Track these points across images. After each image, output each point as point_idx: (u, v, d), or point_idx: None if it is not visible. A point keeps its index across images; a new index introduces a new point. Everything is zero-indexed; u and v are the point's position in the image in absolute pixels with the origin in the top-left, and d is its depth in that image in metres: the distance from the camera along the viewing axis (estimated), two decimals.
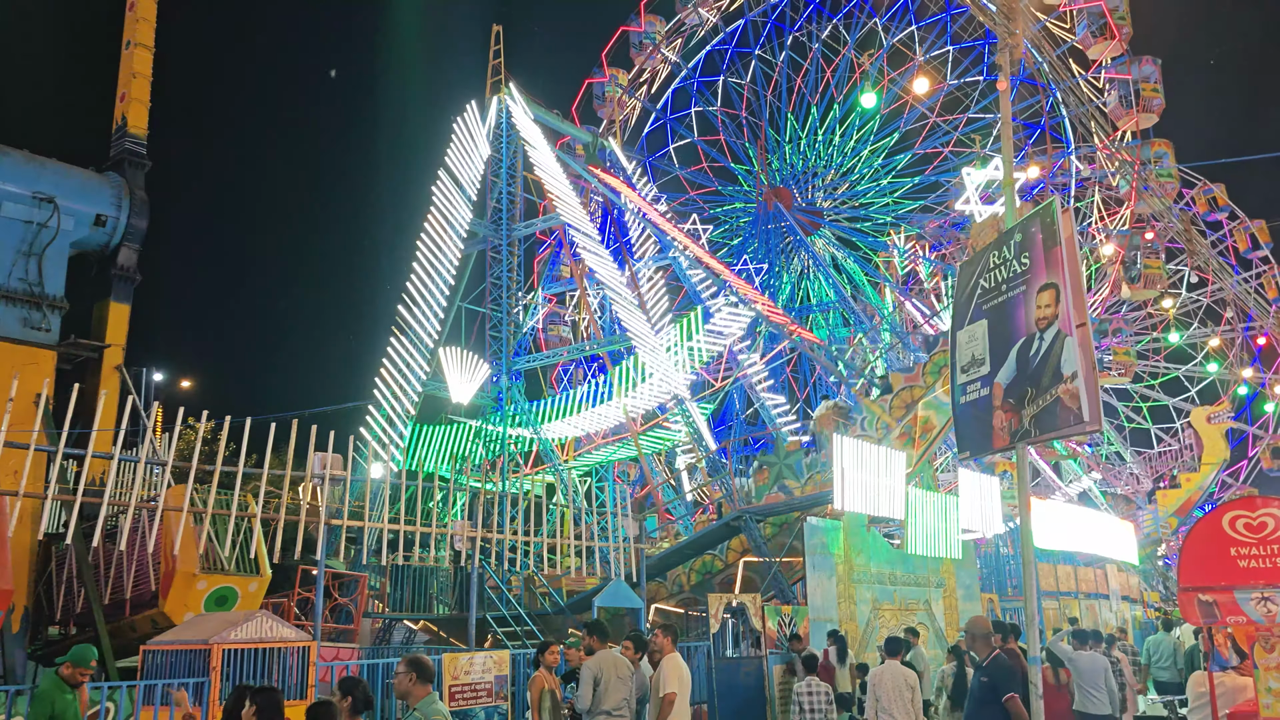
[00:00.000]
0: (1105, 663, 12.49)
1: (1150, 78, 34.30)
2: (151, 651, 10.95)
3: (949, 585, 21.24)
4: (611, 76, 44.92)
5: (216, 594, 14.93)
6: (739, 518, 22.54)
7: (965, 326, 9.01)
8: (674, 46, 45.44)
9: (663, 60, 45.51)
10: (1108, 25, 33.13)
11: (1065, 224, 8.09)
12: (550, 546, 16.67)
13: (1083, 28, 33.48)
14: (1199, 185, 45.60)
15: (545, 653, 11.35)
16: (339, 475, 15.96)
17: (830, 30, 43.37)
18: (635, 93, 45.78)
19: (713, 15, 44.73)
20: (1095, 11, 33.32)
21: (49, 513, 12.57)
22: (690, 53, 45.94)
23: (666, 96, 46.46)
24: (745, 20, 44.65)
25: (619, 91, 44.82)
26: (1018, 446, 8.40)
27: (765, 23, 44.44)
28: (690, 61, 45.90)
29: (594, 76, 45.25)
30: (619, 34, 44.97)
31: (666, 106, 46.44)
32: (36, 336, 17.71)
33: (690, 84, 46.21)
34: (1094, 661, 12.39)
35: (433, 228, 31.89)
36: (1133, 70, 34.06)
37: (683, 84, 46.25)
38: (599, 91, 45.19)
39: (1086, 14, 33.38)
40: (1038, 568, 20.01)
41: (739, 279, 35.56)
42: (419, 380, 30.17)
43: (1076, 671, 12.02)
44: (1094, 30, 33.36)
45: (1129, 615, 30.65)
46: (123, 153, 20.76)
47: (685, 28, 45.03)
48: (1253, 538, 9.54)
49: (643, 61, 44.93)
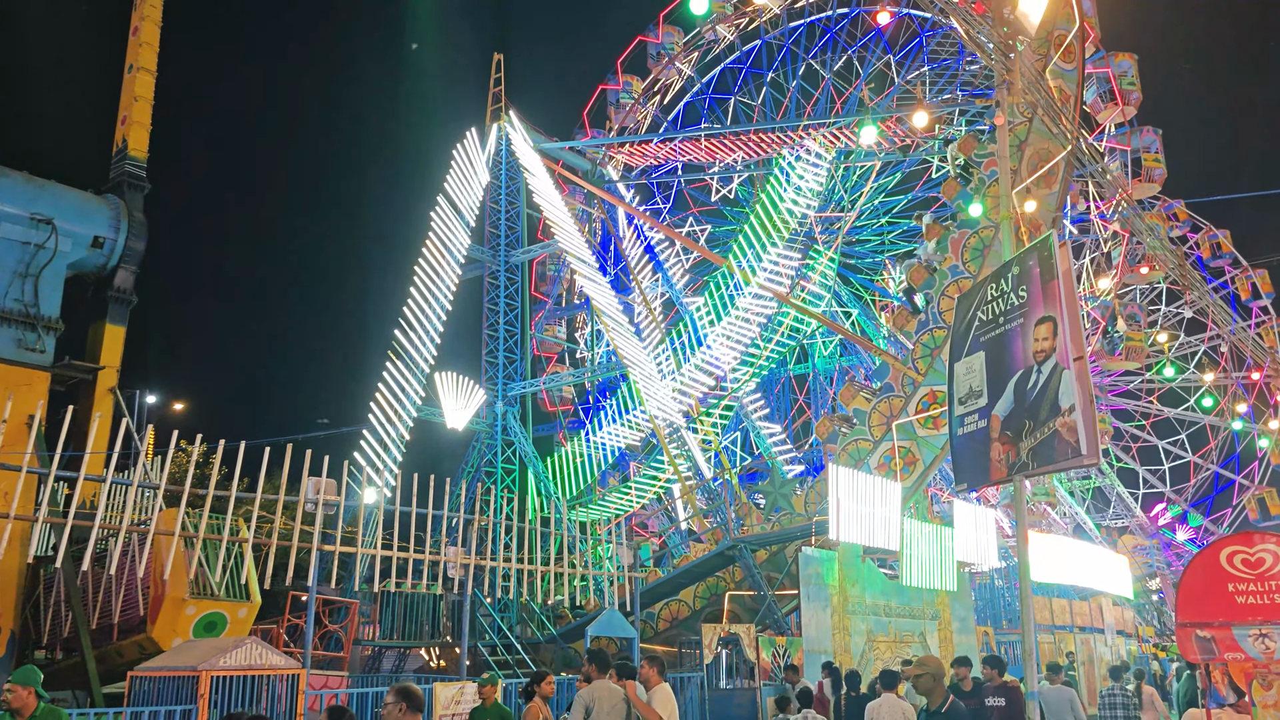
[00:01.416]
0: (1071, 694, 12.82)
1: (1151, 147, 33.94)
2: (139, 678, 10.83)
3: (944, 617, 21.12)
4: (626, 84, 45.18)
5: (206, 619, 14.80)
6: (733, 547, 22.46)
7: (963, 358, 9.01)
8: (690, 59, 45.71)
9: (677, 73, 45.76)
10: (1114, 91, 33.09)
11: (1063, 258, 8.11)
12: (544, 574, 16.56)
13: (1092, 92, 33.45)
14: (1204, 230, 45.55)
15: (541, 683, 11.16)
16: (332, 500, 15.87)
17: (844, 61, 43.67)
18: (648, 102, 45.99)
19: (730, 33, 45.04)
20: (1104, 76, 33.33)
21: (39, 535, 12.46)
22: (705, 68, 46.21)
23: (678, 110, 46.67)
24: (762, 41, 44.93)
25: (632, 99, 45.06)
26: (1015, 479, 8.37)
27: (781, 46, 44.71)
28: (705, 76, 46.18)
29: (608, 83, 45.51)
30: (636, 43, 45.24)
31: (678, 119, 46.65)
32: (31, 358, 17.65)
33: (702, 99, 46.45)
34: (1060, 694, 12.68)
35: (431, 253, 31.95)
36: (1133, 140, 33.94)
37: (694, 99, 46.47)
38: (613, 98, 45.44)
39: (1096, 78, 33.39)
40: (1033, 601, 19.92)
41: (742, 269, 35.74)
42: (414, 405, 30.10)
43: (1045, 704, 12.14)
44: (1103, 95, 33.29)
45: (1124, 650, 30.47)
46: (122, 175, 20.81)
47: (703, 42, 45.32)
48: (1250, 573, 9.48)
49: (659, 71, 45.18)
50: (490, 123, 37.58)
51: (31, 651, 17.32)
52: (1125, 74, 33.16)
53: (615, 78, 45.36)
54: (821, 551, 18.81)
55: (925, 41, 41.48)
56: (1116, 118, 33.68)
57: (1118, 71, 33.14)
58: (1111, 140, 34.32)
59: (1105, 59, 33.06)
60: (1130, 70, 33.31)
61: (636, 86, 45.35)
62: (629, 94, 45.15)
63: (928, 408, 23.66)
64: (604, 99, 45.54)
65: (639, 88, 45.38)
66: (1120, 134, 34.31)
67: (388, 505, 14.47)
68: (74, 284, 19.83)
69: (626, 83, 45.22)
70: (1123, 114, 33.42)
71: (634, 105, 45.33)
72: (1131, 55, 33.64)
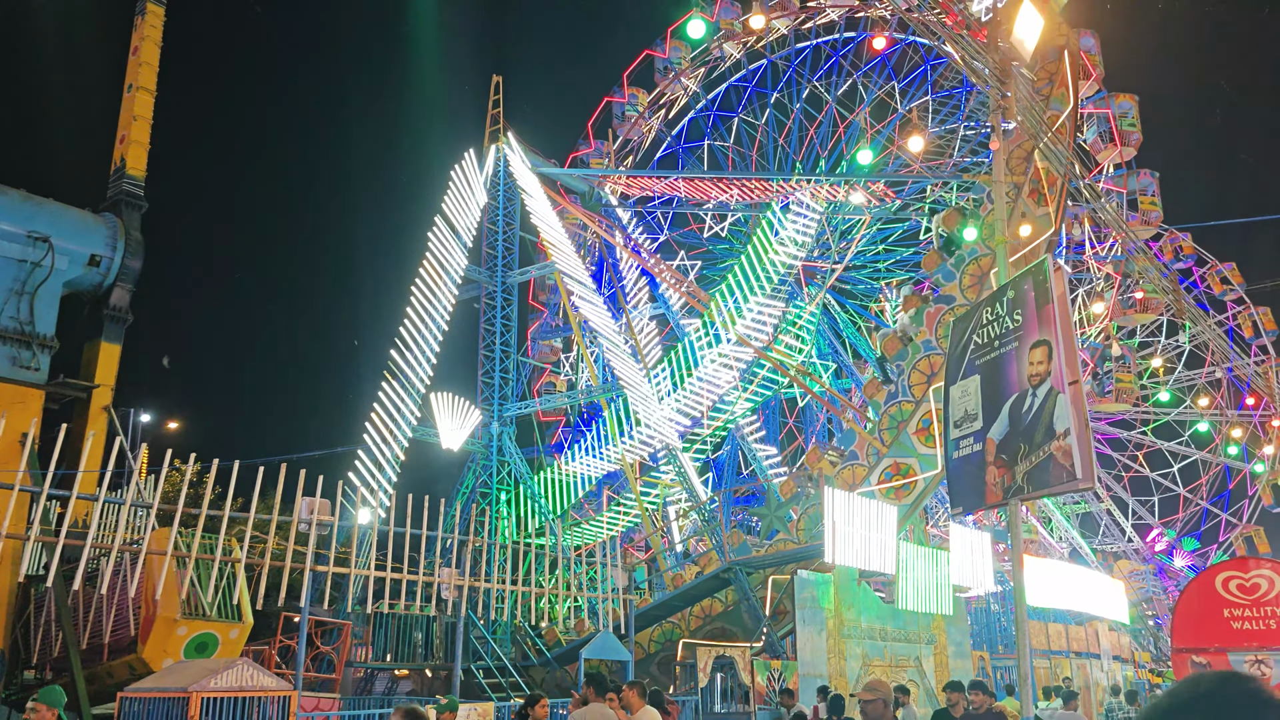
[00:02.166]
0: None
1: (1148, 190, 34.00)
2: (129, 699, 10.75)
3: (940, 642, 21.03)
4: (631, 96, 45.28)
5: (197, 640, 14.70)
6: (729, 569, 22.39)
7: (958, 381, 9.02)
8: (695, 75, 45.90)
9: (682, 89, 45.93)
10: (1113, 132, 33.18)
11: (1057, 282, 8.14)
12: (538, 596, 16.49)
13: (1092, 132, 33.57)
14: (1209, 264, 45.61)
15: (535, 706, 11.09)
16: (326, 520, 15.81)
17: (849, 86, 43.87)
18: (652, 116, 46.12)
19: (737, 50, 45.23)
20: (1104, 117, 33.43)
21: (30, 554, 12.39)
22: (711, 84, 46.37)
23: (682, 125, 46.80)
24: (768, 61, 45.14)
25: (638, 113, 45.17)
26: (1010, 503, 8.36)
27: (787, 67, 44.91)
28: (710, 93, 46.34)
29: (614, 95, 45.63)
30: (643, 56, 45.39)
31: (681, 135, 46.75)
32: (25, 375, 17.62)
33: (706, 116, 46.59)
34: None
35: (428, 273, 31.99)
36: (1130, 182, 34.08)
37: (699, 115, 46.60)
38: (618, 110, 45.55)
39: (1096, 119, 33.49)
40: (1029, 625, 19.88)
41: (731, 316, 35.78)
42: (409, 425, 30.05)
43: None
44: (1103, 135, 33.38)
45: (1120, 675, 30.36)
46: (120, 194, 20.85)
47: (709, 58, 45.51)
48: (1246, 599, 9.48)
49: (665, 86, 45.32)
50: (488, 144, 37.74)
51: (21, 671, 17.20)
52: (1126, 115, 33.25)
53: (621, 90, 45.47)
54: (817, 575, 18.75)
55: (930, 70, 41.73)
56: (1115, 159, 33.77)
57: (1118, 112, 33.25)
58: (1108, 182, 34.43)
59: (1106, 99, 33.19)
60: (1131, 111, 33.40)
61: (642, 99, 45.47)
62: (634, 107, 45.26)
63: (890, 478, 23.67)
64: (609, 111, 45.67)
65: (644, 100, 45.52)
66: (1118, 176, 34.45)
67: (382, 526, 14.41)
68: (70, 302, 19.82)
69: (632, 95, 45.31)
70: (1121, 155, 33.53)
71: (638, 119, 45.45)
72: (1132, 96, 33.74)
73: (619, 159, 43.72)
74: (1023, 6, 25.23)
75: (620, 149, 44.81)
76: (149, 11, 24.06)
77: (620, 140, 44.90)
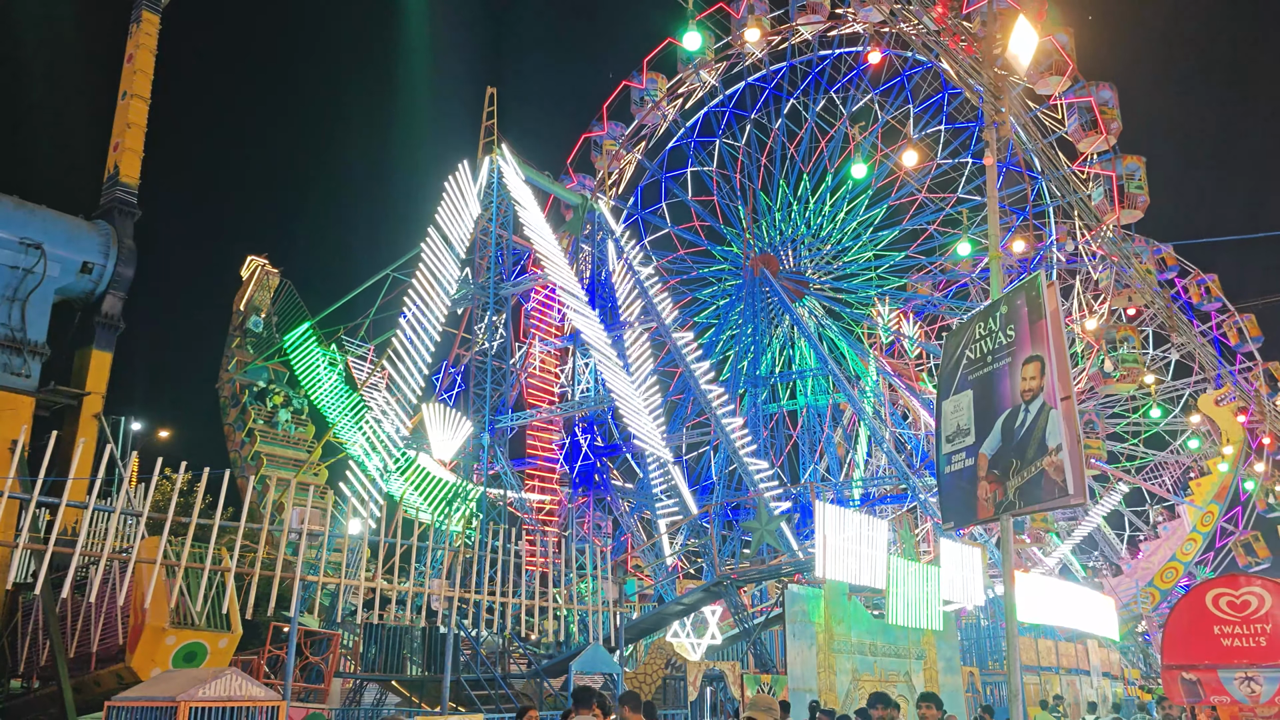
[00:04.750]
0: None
1: (1135, 174, 34.59)
2: (116, 708, 10.66)
3: (929, 657, 21.01)
4: (610, 129, 45.54)
5: (185, 650, 14.61)
6: (719, 583, 22.34)
7: (951, 396, 9.05)
8: (674, 104, 46.12)
9: (662, 117, 46.15)
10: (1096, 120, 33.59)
11: (1050, 298, 8.18)
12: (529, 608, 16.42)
13: (1074, 121, 33.92)
14: (1192, 274, 45.86)
15: (524, 718, 11.12)
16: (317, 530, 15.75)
17: (826, 101, 44.16)
18: (633, 148, 46.34)
19: (713, 78, 45.50)
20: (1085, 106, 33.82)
21: (18, 561, 12.32)
22: (689, 112, 46.66)
23: (662, 154, 47.05)
24: (745, 84, 45.42)
25: (617, 146, 45.38)
26: (1002, 518, 8.38)
27: (764, 89, 45.20)
28: (689, 121, 46.60)
29: (591, 130, 45.88)
30: (621, 88, 45.65)
31: (662, 163, 47.01)
32: (16, 382, 17.56)
33: (687, 143, 46.82)
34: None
35: (420, 285, 31.95)
36: (1116, 167, 34.47)
37: (679, 143, 46.84)
38: (597, 144, 45.78)
39: (1077, 108, 33.88)
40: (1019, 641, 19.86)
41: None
42: (401, 437, 29.99)
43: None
44: (1084, 124, 33.80)
45: (1109, 692, 30.34)
46: (113, 201, 20.82)
47: (686, 86, 45.77)
48: (1235, 616, 9.50)
49: (644, 117, 45.53)
50: (482, 156, 37.76)
51: (7, 680, 17.07)
52: (1106, 102, 33.75)
53: (600, 124, 45.85)
54: (808, 588, 18.74)
55: (908, 79, 42.03)
56: (1100, 145, 34.20)
57: (1125, 173, 33.79)
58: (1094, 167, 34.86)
59: (1086, 88, 33.58)
60: (1111, 99, 33.90)
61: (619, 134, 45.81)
62: (613, 140, 45.55)
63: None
64: (587, 147, 46.00)
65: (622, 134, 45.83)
66: (1104, 160, 34.85)
67: (373, 536, 14.37)
68: (61, 309, 19.77)
69: (611, 128, 45.63)
70: (1106, 141, 33.98)
71: (618, 153, 45.73)
72: (1111, 85, 34.22)
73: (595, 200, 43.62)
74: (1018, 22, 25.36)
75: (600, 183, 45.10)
76: (144, 19, 24.05)
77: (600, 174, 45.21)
